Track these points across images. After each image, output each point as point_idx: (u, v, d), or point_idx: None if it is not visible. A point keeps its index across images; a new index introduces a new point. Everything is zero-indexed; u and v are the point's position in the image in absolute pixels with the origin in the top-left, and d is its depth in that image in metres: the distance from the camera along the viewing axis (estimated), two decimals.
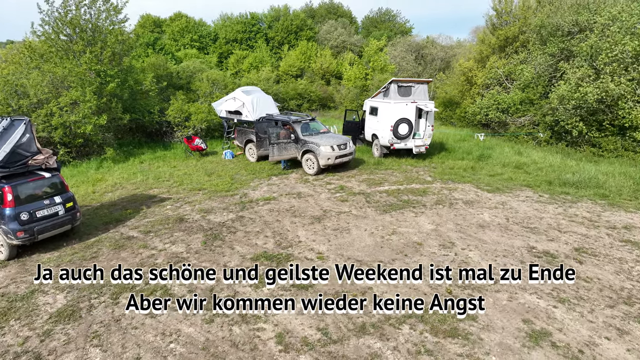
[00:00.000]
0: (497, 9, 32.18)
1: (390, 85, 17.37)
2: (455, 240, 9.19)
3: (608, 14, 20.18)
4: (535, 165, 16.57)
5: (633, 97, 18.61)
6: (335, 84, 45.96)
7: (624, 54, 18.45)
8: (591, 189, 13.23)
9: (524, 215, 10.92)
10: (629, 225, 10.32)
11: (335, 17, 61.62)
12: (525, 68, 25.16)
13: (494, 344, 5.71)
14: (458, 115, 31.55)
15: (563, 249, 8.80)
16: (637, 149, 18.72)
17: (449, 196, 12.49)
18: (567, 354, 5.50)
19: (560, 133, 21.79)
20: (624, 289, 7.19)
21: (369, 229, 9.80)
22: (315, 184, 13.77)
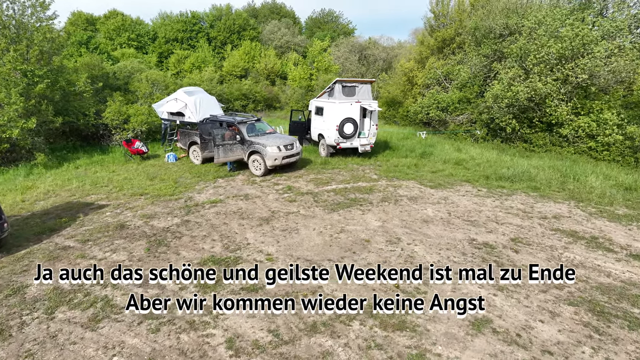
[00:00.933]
0: (435, 11, 33.42)
1: (335, 86, 17.57)
2: (401, 236, 9.45)
3: (534, 18, 21.55)
4: (473, 161, 17.38)
5: (558, 95, 20.00)
6: (281, 84, 45.84)
7: (549, 56, 19.79)
8: (524, 182, 14.08)
9: (464, 209, 11.42)
10: (557, 214, 11.09)
11: (279, 17, 61.41)
12: (462, 68, 26.35)
13: (440, 334, 5.92)
14: (401, 114, 32.46)
15: (501, 240, 9.29)
16: (563, 144, 20.15)
17: (394, 193, 12.81)
18: (506, 338, 5.81)
19: (496, 130, 23.01)
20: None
21: (318, 228, 9.86)
22: (262, 185, 13.65)
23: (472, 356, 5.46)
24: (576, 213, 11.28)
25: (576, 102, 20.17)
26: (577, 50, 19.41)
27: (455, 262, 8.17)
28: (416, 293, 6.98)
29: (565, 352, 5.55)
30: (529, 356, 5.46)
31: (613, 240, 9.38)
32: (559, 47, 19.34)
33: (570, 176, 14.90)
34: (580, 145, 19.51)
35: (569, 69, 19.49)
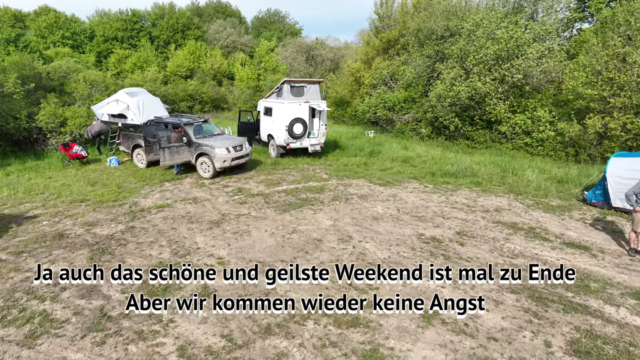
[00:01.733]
0: (379, 13, 34.14)
1: (283, 86, 17.52)
2: (352, 234, 9.57)
3: (472, 21, 22.56)
4: (420, 159, 17.94)
5: (496, 94, 21.05)
6: (228, 85, 45.11)
7: (487, 57, 20.77)
8: (467, 178, 14.70)
9: (412, 205, 11.76)
10: (498, 208, 11.67)
11: (224, 16, 60.36)
12: (407, 69, 27.12)
13: (392, 328, 6.06)
14: (349, 114, 32.92)
15: (447, 234, 9.65)
16: (502, 141, 21.24)
17: (345, 192, 12.97)
18: (454, 328, 6.04)
19: (440, 128, 23.86)
20: (497, 264, 8.11)
21: (270, 230, 9.78)
22: (211, 188, 13.36)
23: (423, 348, 5.62)
24: (515, 205, 11.92)
25: (513, 100, 21.32)
26: (512, 51, 20.52)
27: (405, 257, 8.39)
28: (369, 289, 7.10)
29: (508, 337, 5.84)
30: (476, 344, 5.70)
31: (548, 230, 10.00)
32: (496, 48, 20.36)
33: (509, 171, 15.73)
34: (517, 141, 20.63)
35: (505, 69, 20.57)
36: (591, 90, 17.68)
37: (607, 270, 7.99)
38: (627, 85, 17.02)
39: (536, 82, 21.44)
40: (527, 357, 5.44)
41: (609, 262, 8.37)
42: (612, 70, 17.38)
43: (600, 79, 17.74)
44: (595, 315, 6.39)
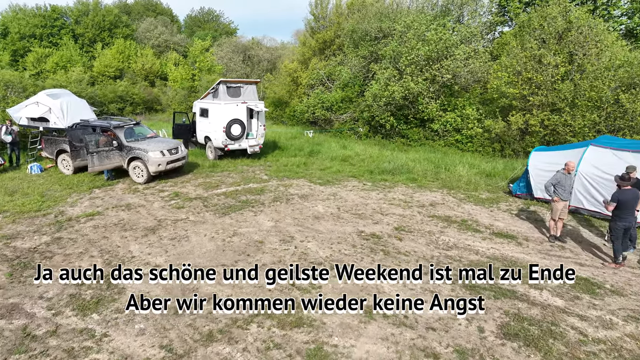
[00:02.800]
0: (315, 13, 34.40)
1: (219, 86, 17.15)
2: (294, 234, 9.57)
3: (404, 23, 23.35)
4: (358, 157, 18.30)
5: (428, 93, 21.94)
6: (161, 86, 43.47)
7: (418, 58, 21.59)
8: (404, 175, 15.20)
9: (352, 203, 11.96)
10: (433, 202, 12.18)
11: (155, 14, 58.05)
12: (343, 69, 27.55)
13: (336, 325, 6.12)
14: (288, 114, 32.90)
15: (386, 230, 9.92)
16: (435, 138, 22.18)
17: (286, 192, 12.94)
18: (395, 321, 6.21)
19: (376, 127, 24.48)
20: (434, 256, 8.46)
21: (209, 234, 9.54)
22: (146, 193, 12.80)
23: (366, 342, 5.73)
24: (449, 200, 12.50)
25: (443, 99, 22.34)
26: (442, 52, 21.50)
27: (347, 254, 8.51)
28: (311, 289, 7.12)
29: (445, 326, 6.11)
30: (416, 334, 5.90)
31: (479, 222, 10.58)
32: (426, 49, 21.22)
33: (442, 167, 16.47)
34: (449, 138, 21.65)
35: (435, 69, 21.50)
36: (513, 89, 18.94)
37: (531, 256, 8.59)
38: (544, 84, 18.42)
39: (464, 82, 22.62)
40: (463, 343, 5.72)
41: (532, 249, 9.01)
42: (530, 70, 18.73)
43: (520, 78, 19.05)
44: (522, 299, 6.84)
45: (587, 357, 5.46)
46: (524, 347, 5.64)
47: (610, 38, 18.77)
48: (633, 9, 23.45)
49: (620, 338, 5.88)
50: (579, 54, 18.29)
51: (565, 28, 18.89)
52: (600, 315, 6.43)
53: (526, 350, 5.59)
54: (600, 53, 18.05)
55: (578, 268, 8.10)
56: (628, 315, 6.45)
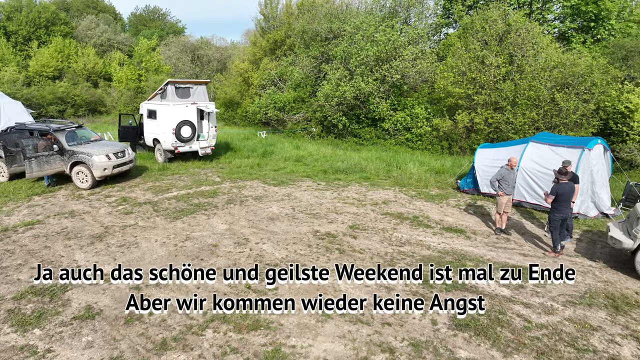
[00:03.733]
0: (265, 13, 34.19)
1: (168, 87, 16.65)
2: (249, 236, 9.46)
3: (353, 24, 23.69)
4: (311, 157, 18.36)
5: (378, 93, 22.37)
6: (105, 87, 41.67)
7: (368, 58, 21.97)
8: (357, 174, 15.42)
9: (307, 203, 11.99)
10: (386, 200, 12.43)
11: (96, 12, 55.49)
12: (295, 69, 27.56)
13: (293, 325, 6.11)
14: (240, 115, 32.51)
15: (341, 229, 10.02)
16: (386, 137, 22.65)
17: (239, 194, 12.77)
18: (352, 319, 6.29)
19: (329, 127, 24.67)
20: (387, 253, 8.64)
21: (160, 239, 9.24)
22: (91, 199, 12.21)
23: (323, 341, 5.77)
24: (401, 197, 12.81)
25: (393, 99, 22.86)
26: (390, 53, 22.00)
27: (302, 254, 8.52)
28: (268, 290, 7.07)
29: (400, 320, 6.25)
30: (372, 330, 6.01)
31: (430, 218, 10.92)
32: (376, 50, 21.63)
33: (393, 165, 16.85)
34: (399, 137, 22.19)
35: (385, 70, 21.96)
36: (458, 89, 19.69)
37: (479, 249, 8.97)
38: (487, 84, 19.29)
39: (413, 82, 23.26)
40: (417, 336, 5.88)
41: (480, 242, 9.41)
42: (474, 71, 19.56)
43: (465, 78, 19.84)
44: (471, 291, 7.13)
45: (531, 342, 5.77)
46: (475, 337, 5.88)
47: (545, 40, 19.93)
48: (564, 14, 25.03)
49: (560, 322, 6.26)
50: (518, 55, 19.29)
51: (505, 30, 19.87)
52: (543, 302, 6.81)
53: (476, 339, 5.83)
54: (536, 54, 19.13)
55: (522, 258, 8.54)
56: (567, 301, 6.87)
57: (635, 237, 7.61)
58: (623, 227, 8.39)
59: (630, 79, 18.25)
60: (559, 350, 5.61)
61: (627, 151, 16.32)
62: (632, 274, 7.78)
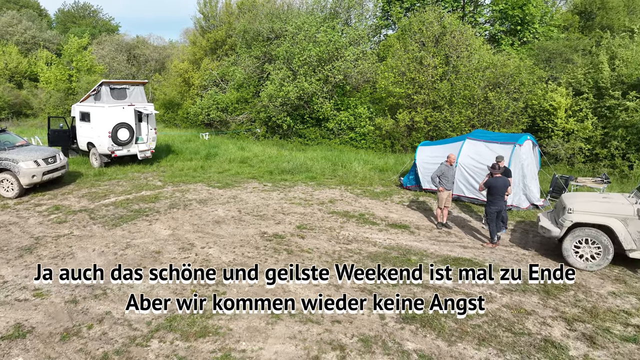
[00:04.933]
0: (204, 12, 33.41)
1: (102, 88, 15.81)
2: (194, 241, 9.21)
3: (295, 24, 23.71)
4: (257, 159, 18.19)
5: (322, 93, 22.55)
6: (31, 87, 38.92)
7: (310, 58, 22.08)
8: (303, 174, 15.45)
9: (253, 205, 11.85)
10: (332, 199, 12.56)
11: (17, 7, 51.65)
12: (237, 69, 27.14)
13: (243, 330, 6.02)
14: (181, 117, 31.56)
15: (288, 229, 9.99)
16: (331, 137, 22.88)
17: (183, 198, 12.39)
18: (302, 319, 6.29)
19: (274, 127, 24.54)
20: (335, 252, 8.73)
21: (98, 248, 8.76)
22: (19, 209, 11.35)
23: (274, 343, 5.72)
24: (347, 195, 12.99)
25: (336, 99, 23.14)
26: (332, 53, 22.25)
27: (250, 257, 8.41)
28: (215, 296, 6.91)
29: (349, 317, 6.34)
30: (323, 329, 6.04)
31: (375, 215, 11.16)
32: (318, 50, 21.79)
33: (339, 164, 17.06)
34: (343, 136, 22.49)
35: (327, 70, 22.17)
36: (399, 89, 20.27)
37: (422, 243, 9.29)
38: (425, 84, 20.01)
39: (355, 82, 23.65)
40: (366, 332, 5.98)
41: (423, 236, 9.75)
42: (413, 71, 20.22)
43: (405, 78, 20.46)
44: (416, 285, 7.36)
45: (473, 330, 6.05)
46: (421, 328, 6.08)
47: (477, 42, 20.98)
48: (494, 18, 26.50)
49: (499, 309, 6.62)
50: (453, 56, 20.18)
51: (441, 32, 20.71)
52: (482, 291, 7.17)
53: (423, 331, 6.03)
54: (470, 56, 20.10)
55: (462, 250, 8.94)
56: (504, 288, 7.28)
57: (562, 226, 8.20)
58: (551, 217, 9.02)
59: (553, 79, 19.63)
60: (498, 335, 5.93)
61: (553, 146, 17.55)
62: (560, 260, 8.37)
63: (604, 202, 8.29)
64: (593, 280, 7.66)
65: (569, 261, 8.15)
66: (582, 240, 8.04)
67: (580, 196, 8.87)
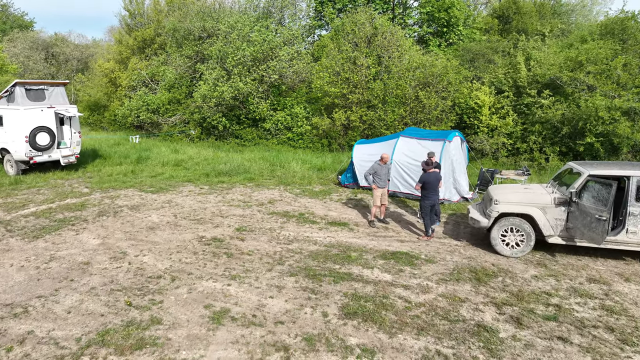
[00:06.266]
0: (130, 9, 31.92)
1: (16, 89, 14.56)
2: (126, 249, 8.74)
3: (227, 23, 23.27)
4: (192, 161, 17.64)
5: (258, 94, 22.33)
6: None
7: (245, 58, 21.79)
8: (241, 175, 15.21)
9: (189, 209, 11.48)
10: (272, 199, 12.47)
11: None
12: (167, 69, 26.16)
13: (182, 338, 5.79)
14: (108, 119, 29.92)
15: (227, 232, 9.78)
16: (268, 137, 22.73)
17: (112, 205, 11.73)
18: (244, 322, 6.18)
19: (209, 129, 23.94)
20: (276, 252, 8.67)
21: (17, 263, 8.06)
22: None
23: (215, 350, 5.56)
24: (286, 195, 12.96)
25: (273, 99, 23.02)
26: (267, 53, 22.09)
27: (188, 263, 8.13)
28: (152, 305, 6.60)
29: (292, 317, 6.31)
30: (266, 331, 5.97)
31: (315, 214, 11.23)
32: (252, 50, 21.55)
33: (277, 164, 16.98)
34: (281, 136, 22.42)
35: (262, 70, 21.99)
36: (334, 89, 20.55)
37: (361, 240, 9.48)
38: (359, 84, 20.44)
39: (290, 82, 23.66)
40: (310, 330, 5.99)
41: (362, 232, 9.95)
42: (347, 71, 20.59)
43: (340, 78, 20.78)
44: (357, 280, 7.49)
45: (412, 321, 6.26)
46: (363, 323, 6.19)
47: (407, 43, 21.79)
48: (422, 20, 27.66)
49: (435, 299, 6.90)
50: (385, 56, 20.79)
51: (373, 33, 21.26)
52: (419, 282, 7.44)
53: (365, 325, 6.14)
54: (401, 56, 20.82)
55: (400, 244, 9.23)
56: (440, 279, 7.61)
57: (489, 216, 8.72)
58: (480, 209, 9.56)
59: (477, 78, 20.84)
60: (436, 324, 6.18)
61: (479, 142, 18.64)
62: (489, 249, 8.90)
63: (526, 192, 8.92)
64: (518, 265, 8.22)
65: (497, 249, 8.68)
66: (508, 229, 8.60)
67: (504, 188, 9.48)
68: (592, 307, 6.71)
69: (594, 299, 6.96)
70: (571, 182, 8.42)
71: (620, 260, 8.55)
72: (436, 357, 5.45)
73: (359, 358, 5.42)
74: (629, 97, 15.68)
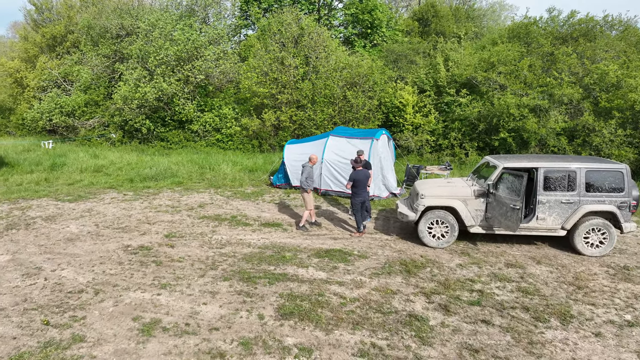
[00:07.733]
0: (37, 4, 29.48)
1: None
2: (41, 264, 8.04)
3: (148, 21, 22.24)
4: (114, 166, 16.67)
5: (183, 94, 21.58)
6: None
7: (168, 58, 20.96)
8: (168, 179, 14.61)
9: (113, 217, 10.82)
10: (202, 203, 12.11)
11: None
12: (82, 69, 24.46)
13: (109, 355, 5.44)
14: (15, 123, 27.41)
15: (155, 239, 9.35)
16: (196, 139, 22.06)
17: (23, 216, 10.75)
18: (177, 332, 5.93)
19: (131, 132, 22.75)
20: (209, 257, 8.43)
21: None
22: None
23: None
24: (217, 199, 12.64)
25: (199, 100, 22.35)
26: (192, 53, 21.42)
27: (113, 274, 7.65)
28: (73, 322, 6.13)
29: (228, 322, 6.17)
30: (200, 339, 5.77)
31: (248, 216, 11.06)
32: (176, 49, 20.77)
33: (206, 167, 16.52)
34: (209, 138, 21.84)
35: (187, 70, 21.27)
36: (263, 89, 20.38)
37: (295, 239, 9.49)
38: (288, 84, 20.45)
39: (217, 82, 23.11)
40: (246, 334, 5.89)
41: (296, 232, 9.96)
42: (275, 71, 20.51)
43: (268, 79, 20.66)
44: (292, 280, 7.49)
45: (348, 316, 6.38)
46: (299, 322, 6.20)
47: (334, 44, 22.15)
48: (347, 21, 28.27)
49: (369, 293, 7.09)
50: (313, 57, 20.98)
51: (299, 34, 21.36)
52: (353, 278, 7.60)
53: (301, 324, 6.15)
54: (328, 56, 21.12)
55: (333, 242, 9.36)
56: (372, 273, 7.82)
57: (416, 210, 9.12)
58: (408, 203, 9.96)
59: (401, 78, 21.69)
60: (370, 317, 6.34)
61: (404, 139, 19.42)
62: (417, 242, 9.30)
63: (448, 186, 9.43)
64: (444, 255, 8.68)
65: (425, 241, 9.10)
66: (434, 222, 9.05)
67: (429, 183, 9.95)
68: (510, 289, 7.25)
69: (512, 282, 7.53)
70: (488, 175, 9.03)
71: (532, 245, 9.32)
72: (371, 350, 5.59)
73: (296, 358, 5.42)
74: (534, 95, 17.13)
